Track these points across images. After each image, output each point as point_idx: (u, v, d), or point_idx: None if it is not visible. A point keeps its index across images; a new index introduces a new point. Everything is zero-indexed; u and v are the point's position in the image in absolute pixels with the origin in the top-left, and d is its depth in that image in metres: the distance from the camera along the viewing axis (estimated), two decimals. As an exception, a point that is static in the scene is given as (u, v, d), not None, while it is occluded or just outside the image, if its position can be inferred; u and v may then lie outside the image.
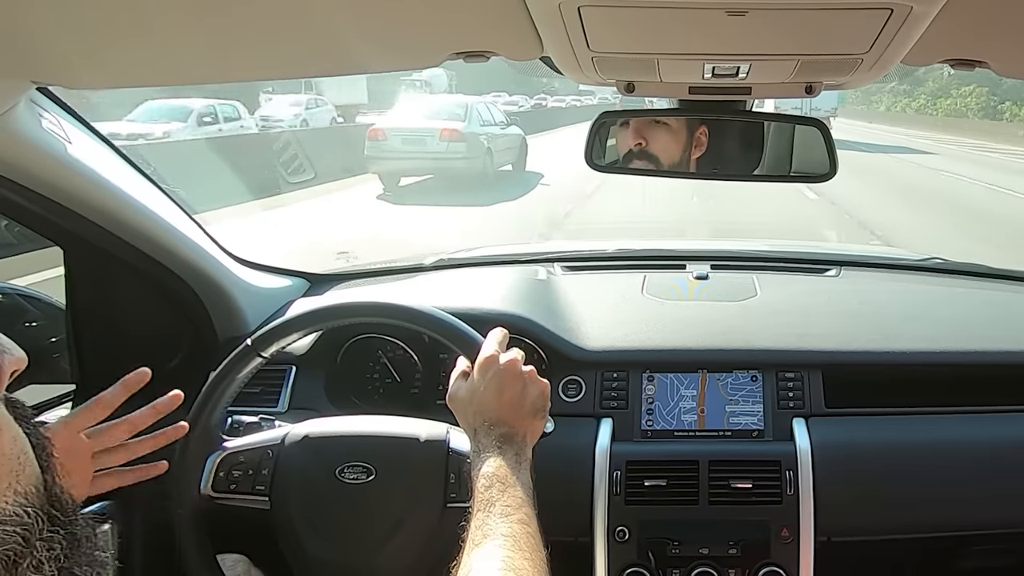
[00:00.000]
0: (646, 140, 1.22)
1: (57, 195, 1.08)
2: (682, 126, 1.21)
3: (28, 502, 0.46)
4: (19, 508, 0.46)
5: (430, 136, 11.67)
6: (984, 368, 1.43)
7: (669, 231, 7.98)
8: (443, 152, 11.55)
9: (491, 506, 0.84)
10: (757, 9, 0.68)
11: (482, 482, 0.88)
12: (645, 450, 1.34)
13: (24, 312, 1.35)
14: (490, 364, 1.00)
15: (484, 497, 0.86)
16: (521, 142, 13.76)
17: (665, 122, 1.22)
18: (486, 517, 0.83)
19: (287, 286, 1.65)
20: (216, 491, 1.05)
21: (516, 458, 0.92)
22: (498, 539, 0.80)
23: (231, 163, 9.68)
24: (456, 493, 1.03)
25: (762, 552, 1.26)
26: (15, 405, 0.50)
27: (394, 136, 11.60)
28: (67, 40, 0.81)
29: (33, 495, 0.47)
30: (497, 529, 0.81)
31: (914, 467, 1.34)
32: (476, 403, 0.98)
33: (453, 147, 11.61)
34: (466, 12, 0.78)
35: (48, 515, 0.47)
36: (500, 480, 0.87)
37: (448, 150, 11.59)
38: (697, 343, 1.43)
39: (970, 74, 0.97)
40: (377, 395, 1.51)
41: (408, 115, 12.99)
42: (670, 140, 1.21)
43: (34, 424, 0.51)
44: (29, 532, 0.45)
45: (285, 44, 0.87)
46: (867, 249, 4.49)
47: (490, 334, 1.05)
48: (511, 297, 1.53)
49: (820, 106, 21.06)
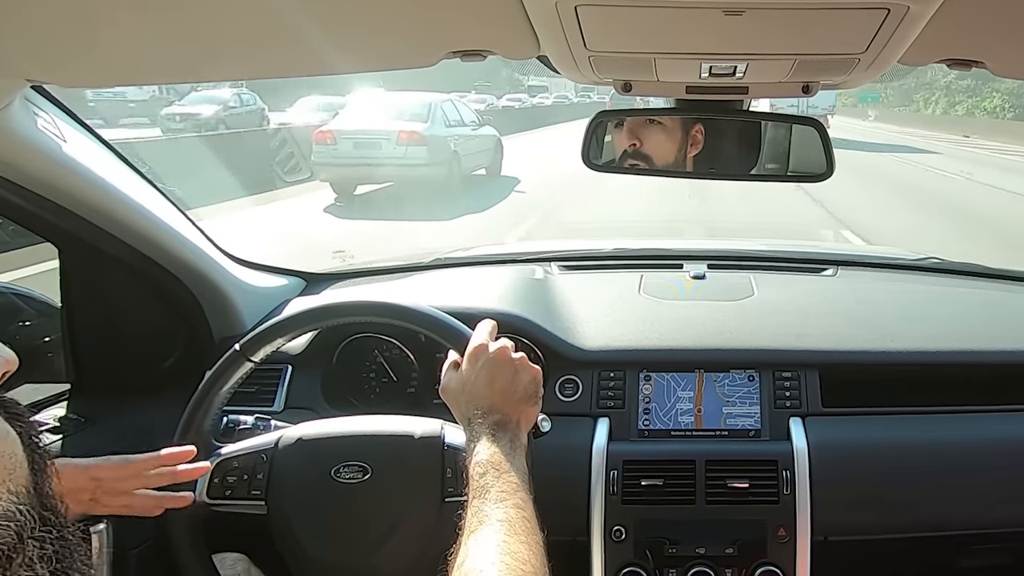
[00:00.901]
0: (640, 140, 1.22)
1: (52, 193, 1.08)
2: (677, 125, 1.21)
3: (20, 501, 0.46)
4: (12, 506, 0.46)
5: (386, 139, 10.24)
6: (981, 368, 1.44)
7: (665, 231, 7.96)
8: (401, 157, 10.13)
9: (486, 492, 0.84)
10: (754, 9, 0.68)
11: (477, 469, 0.88)
12: (642, 450, 1.33)
13: (19, 311, 1.35)
14: (480, 353, 1.00)
15: (479, 484, 0.86)
16: (496, 144, 12.47)
17: (660, 122, 1.22)
18: (481, 504, 0.83)
19: (283, 285, 1.64)
20: (212, 497, 1.05)
21: (510, 444, 0.92)
22: (494, 524, 0.80)
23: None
24: (453, 487, 1.03)
25: (759, 552, 1.26)
26: (8, 405, 0.50)
27: (344, 139, 10.15)
28: (62, 38, 0.81)
29: (24, 495, 0.47)
30: (493, 515, 0.81)
31: (911, 467, 1.34)
32: (468, 392, 0.98)
33: (412, 152, 10.22)
34: (463, 11, 0.77)
35: (40, 516, 0.48)
36: (495, 467, 0.87)
37: (407, 155, 10.17)
38: (694, 343, 1.43)
39: None
40: (373, 394, 1.51)
41: (361, 115, 11.22)
42: (664, 140, 1.21)
43: (27, 423, 0.50)
44: (22, 529, 0.46)
45: (280, 43, 0.87)
46: (864, 249, 4.51)
47: (479, 325, 1.05)
48: (508, 296, 1.53)
49: (817, 104, 21.00)
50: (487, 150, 12.22)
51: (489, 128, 12.54)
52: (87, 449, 1.20)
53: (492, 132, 12.55)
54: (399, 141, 10.20)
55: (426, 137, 10.33)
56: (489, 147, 12.27)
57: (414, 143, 10.22)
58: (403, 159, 10.13)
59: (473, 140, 11.69)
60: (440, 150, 10.52)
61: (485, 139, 12.22)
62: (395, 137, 10.21)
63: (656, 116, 1.22)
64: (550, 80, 37.53)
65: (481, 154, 12.00)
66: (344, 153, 10.10)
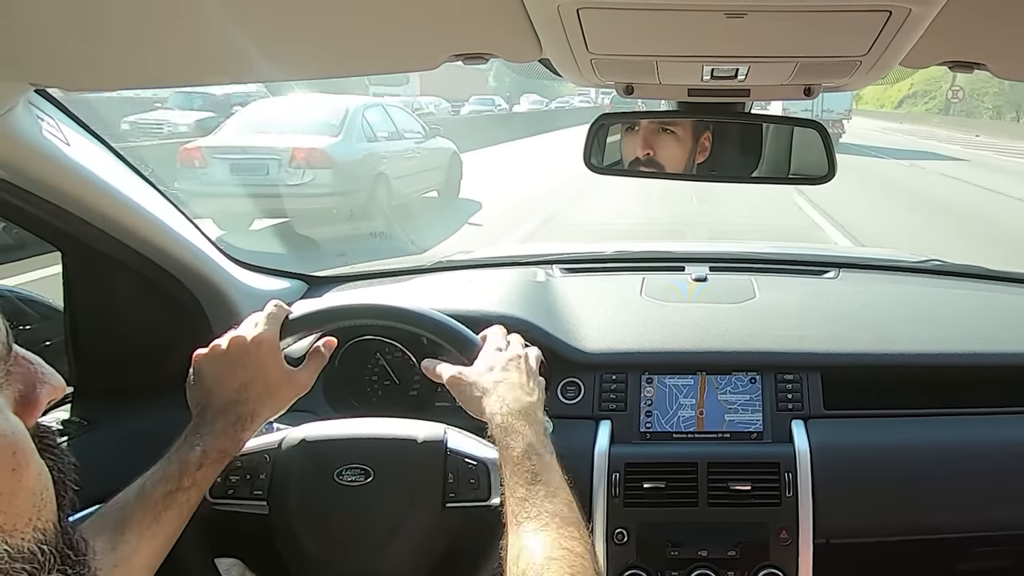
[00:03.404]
0: (654, 149, 1.23)
1: (55, 197, 1.08)
2: (688, 134, 1.22)
3: (45, 539, 0.45)
4: (35, 545, 0.45)
5: (274, 160, 7.54)
6: (982, 370, 1.44)
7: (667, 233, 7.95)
8: (296, 183, 7.50)
9: (534, 481, 0.85)
10: (756, 11, 0.68)
11: (516, 453, 0.88)
12: (644, 452, 1.33)
13: (22, 314, 1.35)
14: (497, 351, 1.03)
15: (527, 468, 0.86)
16: (450, 160, 10.07)
17: (672, 131, 1.22)
18: (528, 493, 0.84)
19: (285, 288, 1.64)
20: (214, 496, 1.05)
21: (542, 431, 0.94)
22: (544, 517, 0.80)
23: None
24: (455, 493, 1.03)
25: (761, 554, 1.26)
26: (44, 436, 0.49)
27: (218, 159, 7.48)
28: (65, 42, 0.81)
29: (51, 532, 0.46)
30: (544, 507, 0.82)
31: (913, 469, 1.34)
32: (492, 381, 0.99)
33: (314, 176, 7.56)
34: (465, 14, 0.78)
35: (61, 554, 0.47)
36: (536, 453, 0.88)
37: (305, 181, 7.53)
38: (696, 345, 1.43)
39: None
40: (375, 397, 1.51)
41: (248, 127, 8.34)
42: (677, 148, 1.22)
43: (59, 453, 0.49)
44: (39, 569, 0.44)
45: (283, 46, 0.87)
46: (866, 251, 4.50)
47: (491, 329, 1.08)
48: (510, 299, 1.53)
49: (832, 108, 20.68)
50: (437, 168, 9.74)
51: (441, 140, 10.15)
52: (90, 452, 1.20)
53: (445, 145, 10.15)
54: (294, 162, 7.58)
55: (332, 156, 7.73)
56: (440, 164, 9.83)
57: (316, 164, 7.61)
58: (301, 186, 7.53)
59: (415, 157, 9.23)
60: (355, 173, 7.96)
61: (434, 154, 9.72)
62: (288, 157, 7.59)
63: (664, 122, 1.23)
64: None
65: (428, 173, 9.54)
66: (216, 179, 7.45)
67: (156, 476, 0.90)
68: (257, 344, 0.99)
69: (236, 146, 7.76)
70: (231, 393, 0.98)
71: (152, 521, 0.88)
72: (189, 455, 0.92)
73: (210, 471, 0.94)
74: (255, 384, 0.98)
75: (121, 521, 0.86)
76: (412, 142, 9.41)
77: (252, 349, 0.99)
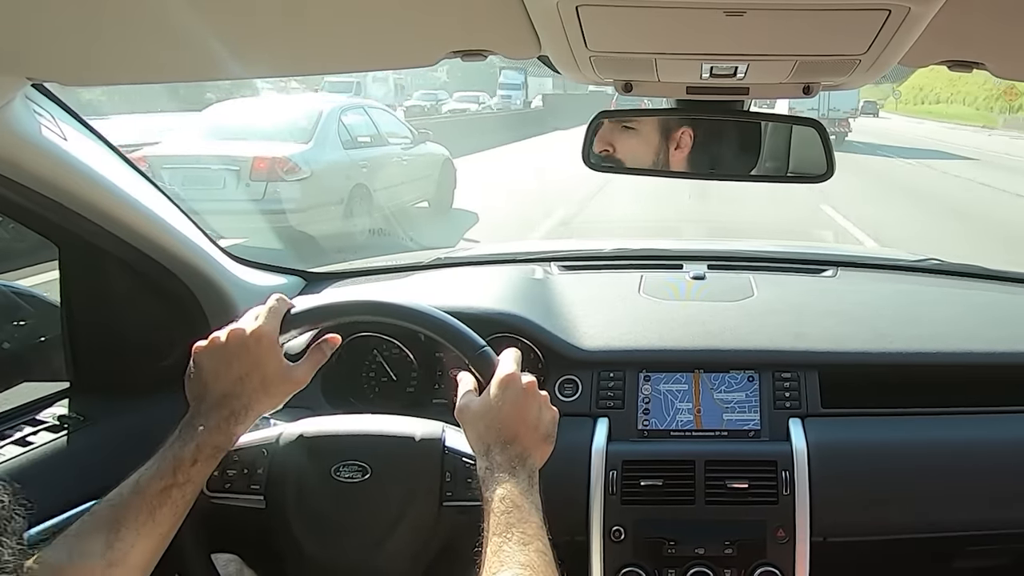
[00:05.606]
0: (613, 147, 1.23)
1: (52, 192, 1.08)
2: (653, 130, 1.21)
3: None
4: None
5: (231, 170, 6.47)
6: (980, 369, 1.44)
7: (665, 231, 7.94)
8: (256, 199, 6.45)
9: (509, 531, 0.83)
10: (755, 9, 0.68)
11: (497, 505, 0.86)
12: (641, 450, 1.34)
13: (18, 309, 1.35)
14: (510, 382, 0.98)
15: (502, 521, 0.85)
16: (442, 166, 9.11)
17: (633, 128, 1.22)
18: (503, 543, 0.82)
19: (283, 284, 1.64)
20: (211, 490, 1.05)
21: (529, 481, 0.91)
22: (515, 568, 0.79)
23: None
24: (452, 491, 1.03)
25: (758, 552, 1.26)
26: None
27: (168, 170, 6.34)
28: (63, 36, 0.81)
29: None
30: (515, 557, 0.81)
31: (910, 467, 1.34)
32: (492, 418, 0.96)
33: (277, 190, 6.54)
34: (464, 11, 0.77)
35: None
36: (516, 505, 0.86)
37: (267, 196, 6.47)
38: (694, 343, 1.43)
39: None
40: (373, 394, 1.51)
41: (203, 134, 7.15)
42: (637, 145, 1.22)
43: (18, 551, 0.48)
44: None
45: (282, 42, 0.87)
46: (864, 250, 4.51)
47: (505, 353, 1.03)
48: (508, 296, 1.53)
49: (839, 106, 20.51)
50: (427, 176, 8.84)
51: (432, 145, 9.16)
52: (86, 448, 1.20)
53: (437, 151, 9.18)
54: (254, 173, 6.51)
55: (300, 166, 6.70)
56: (430, 172, 8.92)
57: (282, 174, 6.59)
58: (260, 202, 6.47)
59: (401, 165, 8.35)
60: (327, 186, 6.98)
61: (424, 160, 8.81)
62: (248, 167, 6.51)
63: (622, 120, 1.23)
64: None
65: (417, 183, 8.66)
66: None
67: (150, 472, 0.90)
68: (256, 338, 0.99)
69: (189, 155, 6.62)
70: (227, 386, 0.97)
71: (148, 518, 0.87)
72: (183, 450, 0.92)
73: (204, 466, 0.94)
74: (252, 378, 0.98)
75: (116, 519, 0.86)
76: (399, 148, 8.49)
77: (251, 342, 0.98)
